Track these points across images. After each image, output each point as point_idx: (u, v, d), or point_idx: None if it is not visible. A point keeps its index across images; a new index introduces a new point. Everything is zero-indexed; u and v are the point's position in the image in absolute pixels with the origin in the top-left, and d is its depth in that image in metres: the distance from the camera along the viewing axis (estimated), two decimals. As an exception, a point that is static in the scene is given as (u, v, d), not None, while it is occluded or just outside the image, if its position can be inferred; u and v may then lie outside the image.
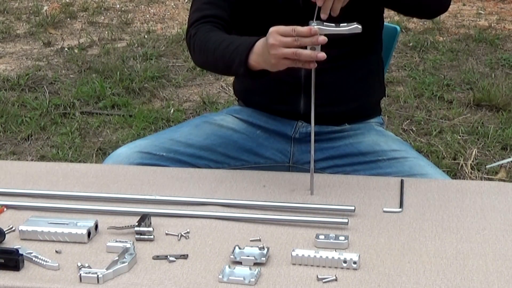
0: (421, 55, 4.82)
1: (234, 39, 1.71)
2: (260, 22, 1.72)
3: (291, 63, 1.54)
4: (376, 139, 1.91)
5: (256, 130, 1.97)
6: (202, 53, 1.78)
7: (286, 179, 1.73)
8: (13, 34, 5.50)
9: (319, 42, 1.50)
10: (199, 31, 1.80)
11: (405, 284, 1.28)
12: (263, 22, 1.66)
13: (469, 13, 5.79)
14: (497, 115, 3.86)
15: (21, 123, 3.84)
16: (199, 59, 1.83)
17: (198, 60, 1.84)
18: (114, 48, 5.07)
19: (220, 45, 1.71)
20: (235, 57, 1.65)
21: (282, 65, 1.56)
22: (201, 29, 1.80)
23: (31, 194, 1.66)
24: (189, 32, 1.83)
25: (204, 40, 1.76)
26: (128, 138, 3.57)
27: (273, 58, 1.54)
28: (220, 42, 1.72)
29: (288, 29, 1.51)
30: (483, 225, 1.49)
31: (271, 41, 1.53)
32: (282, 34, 1.52)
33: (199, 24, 1.81)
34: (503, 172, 3.22)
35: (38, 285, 1.30)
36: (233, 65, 1.66)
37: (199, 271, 1.33)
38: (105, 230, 1.48)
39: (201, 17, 1.82)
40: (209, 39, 1.76)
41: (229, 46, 1.68)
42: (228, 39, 1.72)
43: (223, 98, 4.17)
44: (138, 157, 1.85)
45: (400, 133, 3.62)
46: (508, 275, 1.31)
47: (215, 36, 1.76)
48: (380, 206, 1.58)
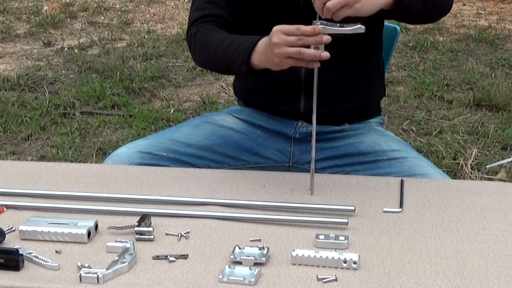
0: (421, 55, 4.82)
1: (236, 38, 1.71)
2: (261, 21, 1.72)
3: (294, 62, 1.54)
4: (376, 139, 1.91)
5: (256, 130, 1.97)
6: (203, 52, 1.78)
7: (286, 179, 1.73)
8: (13, 34, 5.50)
9: (323, 41, 1.50)
10: (199, 30, 1.79)
11: (405, 284, 1.28)
12: (264, 21, 1.66)
13: (469, 13, 5.79)
14: (497, 115, 3.86)
15: (21, 123, 3.84)
16: (200, 58, 1.82)
17: (199, 59, 1.84)
18: (114, 48, 5.07)
19: (222, 44, 1.71)
20: (237, 56, 1.65)
21: (285, 64, 1.55)
22: (202, 28, 1.79)
23: (31, 194, 1.66)
24: (189, 31, 1.83)
25: (205, 39, 1.76)
26: (128, 138, 3.57)
27: (277, 57, 1.54)
28: (222, 41, 1.72)
29: (292, 28, 1.51)
30: (483, 225, 1.49)
31: (275, 40, 1.53)
32: (286, 33, 1.52)
33: (200, 23, 1.81)
34: (503, 172, 3.23)
35: (38, 285, 1.30)
36: (235, 64, 1.66)
37: (199, 271, 1.33)
38: (105, 230, 1.48)
39: (202, 16, 1.82)
40: (210, 38, 1.75)
41: (231, 45, 1.68)
42: (230, 38, 1.71)
43: (223, 98, 4.17)
44: (138, 157, 1.85)
45: (400, 133, 3.62)
46: (508, 275, 1.31)
47: (216, 35, 1.76)
48: (380, 206, 1.58)
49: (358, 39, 1.79)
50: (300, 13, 1.75)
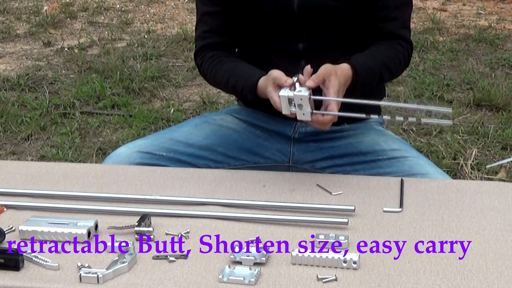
0: (421, 55, 4.82)
1: (237, 77, 1.80)
2: (256, 31, 1.85)
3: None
4: (376, 139, 1.91)
5: (255, 130, 1.97)
6: (213, 83, 1.93)
7: (286, 179, 1.73)
8: (13, 34, 5.49)
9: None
10: (204, 61, 1.90)
11: (405, 284, 1.28)
12: (258, 30, 1.81)
13: (469, 13, 5.79)
14: (497, 115, 3.86)
15: (21, 123, 3.83)
16: (212, 85, 1.98)
17: (211, 84, 1.98)
18: (114, 48, 5.07)
19: (228, 83, 1.83)
20: (246, 94, 1.77)
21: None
22: (206, 58, 1.89)
23: (31, 194, 1.66)
24: (196, 60, 1.95)
25: (212, 74, 1.88)
26: (128, 138, 3.57)
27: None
28: (227, 80, 1.83)
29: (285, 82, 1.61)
30: (483, 225, 1.49)
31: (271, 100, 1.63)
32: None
33: (203, 53, 1.91)
34: (503, 172, 3.22)
35: (38, 285, 1.30)
36: (247, 99, 1.83)
37: (199, 271, 1.33)
38: (105, 230, 1.48)
39: (203, 46, 1.91)
40: (216, 73, 1.87)
41: (236, 85, 1.80)
42: (232, 78, 1.82)
43: (223, 98, 4.17)
44: (138, 157, 1.85)
45: (400, 133, 3.61)
46: (508, 275, 1.31)
47: (219, 71, 1.86)
48: (380, 206, 1.58)
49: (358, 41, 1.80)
50: (294, 22, 1.78)
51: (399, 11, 1.84)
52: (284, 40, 1.83)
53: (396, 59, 1.82)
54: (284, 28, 1.82)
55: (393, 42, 1.83)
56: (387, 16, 1.82)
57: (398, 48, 1.83)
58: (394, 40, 1.83)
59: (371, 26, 1.83)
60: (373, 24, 1.82)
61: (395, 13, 1.83)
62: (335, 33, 1.82)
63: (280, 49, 1.84)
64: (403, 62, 1.85)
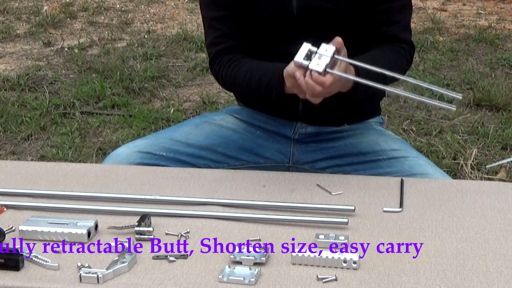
0: (421, 55, 4.82)
1: (261, 72, 1.76)
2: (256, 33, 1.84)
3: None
4: (376, 139, 1.91)
5: (255, 130, 1.97)
6: (233, 88, 1.93)
7: (286, 179, 1.73)
8: (13, 34, 5.49)
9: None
10: (222, 66, 1.85)
11: (405, 284, 1.28)
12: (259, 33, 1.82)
13: (469, 13, 5.79)
14: (497, 115, 3.86)
15: (21, 123, 3.83)
16: (230, 90, 1.98)
17: (228, 90, 2.00)
18: (114, 48, 5.07)
19: (250, 80, 1.79)
20: (272, 91, 1.72)
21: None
22: (223, 63, 1.84)
23: (31, 194, 1.66)
24: (212, 68, 1.90)
25: (232, 77, 1.83)
26: (128, 138, 3.57)
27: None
28: (249, 77, 1.79)
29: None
30: (483, 225, 1.49)
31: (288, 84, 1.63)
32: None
33: (219, 59, 1.86)
34: (503, 172, 3.22)
35: (38, 285, 1.30)
36: (271, 96, 1.74)
37: (199, 271, 1.33)
38: (105, 230, 1.48)
39: (218, 52, 1.86)
40: (237, 75, 1.82)
41: (260, 81, 1.75)
42: (256, 74, 1.77)
43: (223, 98, 4.17)
44: (138, 156, 1.85)
45: (400, 133, 3.62)
46: (508, 275, 1.31)
47: (240, 71, 1.81)
48: (380, 206, 1.58)
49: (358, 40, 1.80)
50: (293, 25, 1.78)
51: (401, 14, 1.84)
52: (283, 42, 1.83)
53: (399, 62, 1.82)
54: (283, 31, 1.82)
55: (395, 45, 1.82)
56: (388, 20, 1.82)
57: (401, 51, 1.83)
58: (397, 43, 1.83)
59: (372, 30, 1.82)
60: (375, 27, 1.82)
61: (397, 17, 1.83)
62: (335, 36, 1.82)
63: (280, 51, 1.84)
64: (406, 65, 1.85)
